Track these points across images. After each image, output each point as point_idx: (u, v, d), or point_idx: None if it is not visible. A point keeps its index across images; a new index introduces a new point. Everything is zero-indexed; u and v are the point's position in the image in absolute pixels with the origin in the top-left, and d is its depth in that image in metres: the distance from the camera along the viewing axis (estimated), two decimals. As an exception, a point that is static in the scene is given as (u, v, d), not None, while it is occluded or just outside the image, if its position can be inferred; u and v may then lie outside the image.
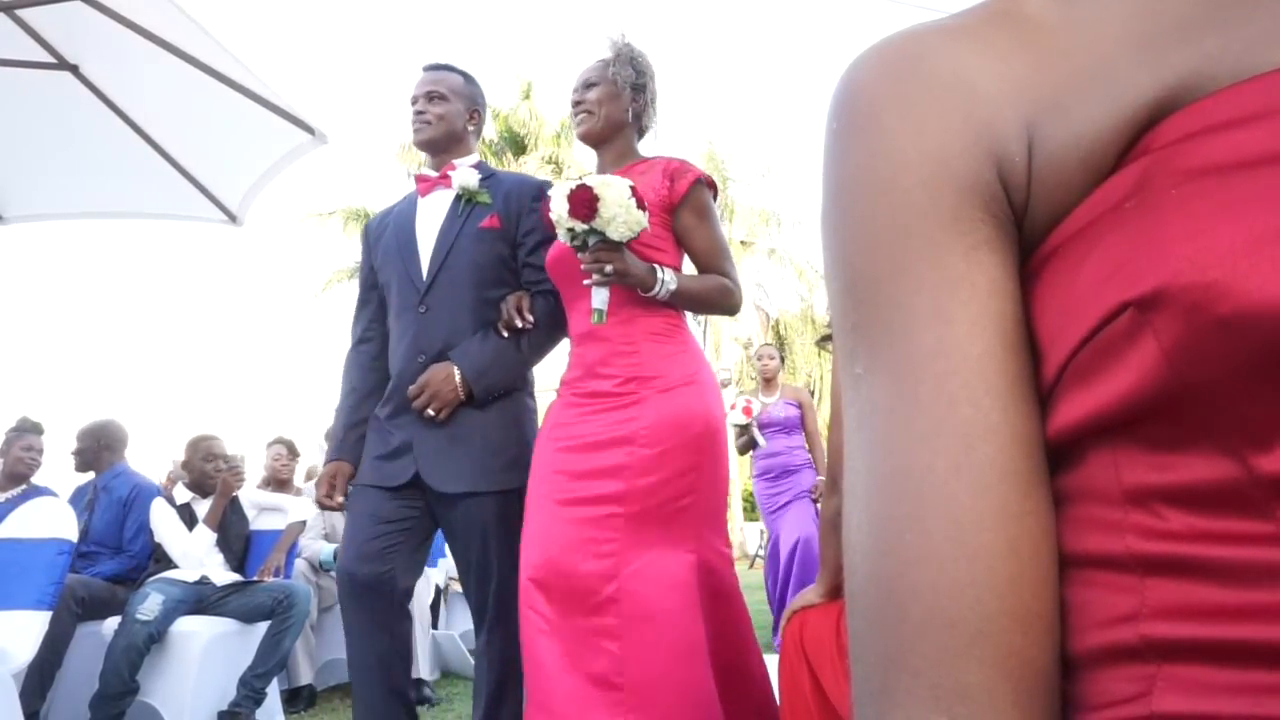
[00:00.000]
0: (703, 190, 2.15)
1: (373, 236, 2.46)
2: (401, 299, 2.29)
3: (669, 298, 2.03)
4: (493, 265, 2.26)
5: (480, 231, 2.27)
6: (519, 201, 2.32)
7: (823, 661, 1.44)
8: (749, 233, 20.98)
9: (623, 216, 1.88)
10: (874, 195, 0.40)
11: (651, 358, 2.03)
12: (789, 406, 5.22)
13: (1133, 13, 0.38)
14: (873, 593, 0.37)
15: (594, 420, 2.03)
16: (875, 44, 0.43)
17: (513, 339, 2.21)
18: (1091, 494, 0.36)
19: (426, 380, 2.15)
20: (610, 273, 1.93)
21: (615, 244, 1.93)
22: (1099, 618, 0.35)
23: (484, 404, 2.18)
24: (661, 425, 1.97)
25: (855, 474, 0.39)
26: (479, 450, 2.16)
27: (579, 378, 2.11)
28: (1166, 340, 0.31)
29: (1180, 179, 0.32)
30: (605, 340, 2.06)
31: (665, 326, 2.08)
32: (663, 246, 2.10)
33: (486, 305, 2.24)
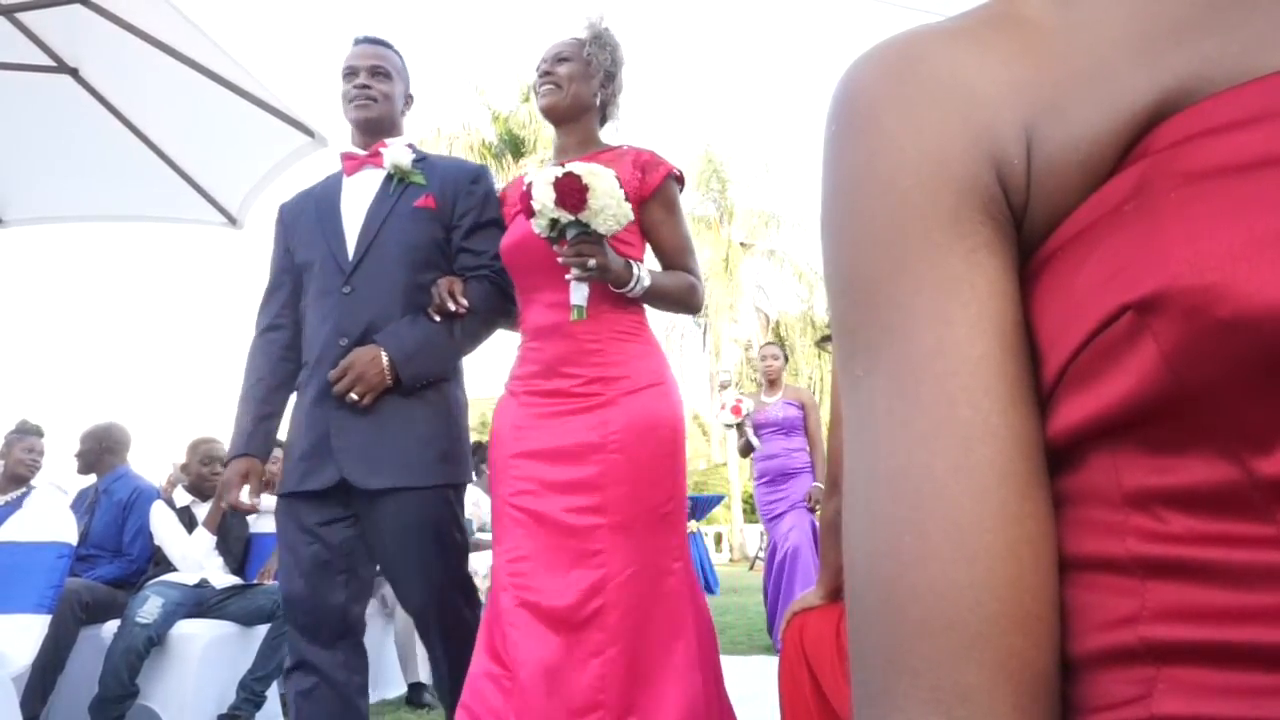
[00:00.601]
0: (673, 185, 2.08)
1: (289, 217, 2.28)
2: (323, 280, 2.11)
3: (641, 295, 1.95)
4: (426, 247, 2.12)
5: (415, 211, 2.14)
6: (455, 184, 2.19)
7: (823, 663, 1.44)
8: (749, 234, 21.01)
9: (612, 209, 1.78)
10: (873, 197, 0.40)
11: (618, 357, 1.95)
12: (789, 407, 5.05)
13: (1131, 15, 0.38)
14: (872, 594, 0.37)
15: (558, 424, 1.93)
16: (874, 46, 0.43)
17: (444, 324, 2.07)
18: (1092, 496, 0.36)
19: (350, 362, 1.98)
20: (593, 267, 1.82)
21: (598, 237, 1.82)
22: (1099, 620, 0.35)
23: (410, 392, 2.03)
24: (631, 430, 1.89)
25: (855, 475, 0.40)
26: (406, 443, 2.00)
27: (536, 374, 2.00)
28: (1166, 343, 0.31)
29: (1179, 182, 0.32)
30: (570, 337, 1.95)
31: (632, 325, 2.00)
32: (631, 240, 2.01)
33: (417, 289, 2.09)
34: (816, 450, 5.02)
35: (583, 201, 1.75)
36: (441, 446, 2.04)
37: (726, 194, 20.71)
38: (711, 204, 20.87)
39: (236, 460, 2.12)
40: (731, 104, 45.39)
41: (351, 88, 2.21)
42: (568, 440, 1.90)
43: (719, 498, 13.43)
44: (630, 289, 1.92)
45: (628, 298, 1.94)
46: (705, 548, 10.19)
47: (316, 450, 2.00)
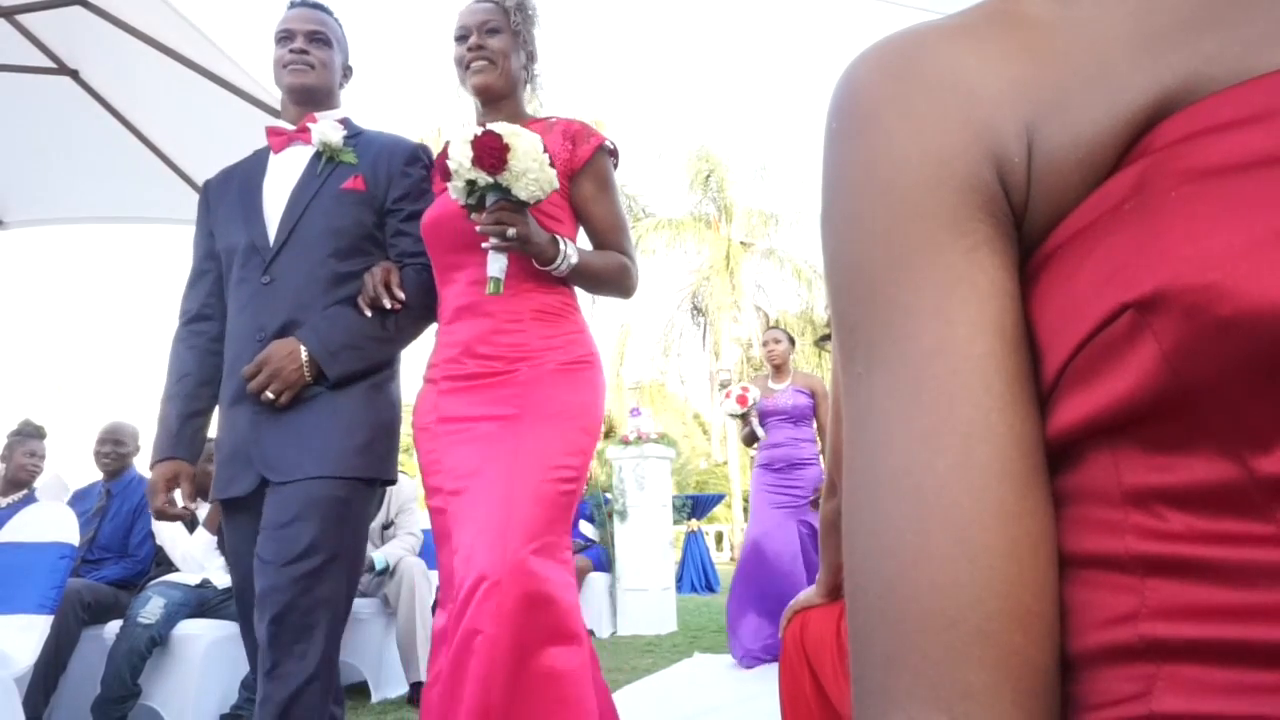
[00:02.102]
0: (606, 158, 1.91)
1: (213, 196, 2.09)
2: (242, 268, 1.94)
3: (568, 273, 1.80)
4: (353, 233, 1.94)
5: (341, 194, 1.95)
6: (390, 164, 2.01)
7: (823, 661, 1.44)
8: (748, 233, 21.00)
9: (534, 173, 1.62)
10: (873, 195, 0.40)
11: (539, 337, 1.80)
12: (799, 394, 4.69)
13: (1132, 14, 0.38)
14: (873, 592, 0.37)
15: (475, 407, 1.79)
16: (874, 44, 0.43)
17: (376, 318, 1.89)
18: (1092, 494, 0.36)
19: (266, 356, 1.82)
20: (512, 237, 1.65)
21: (520, 204, 1.66)
22: (1099, 618, 0.35)
23: (338, 385, 1.86)
24: (551, 401, 1.75)
25: (855, 474, 0.39)
26: (328, 434, 1.83)
27: (453, 359, 1.84)
28: (1166, 342, 0.31)
29: (1180, 180, 0.32)
30: (488, 315, 1.81)
31: (558, 305, 1.84)
32: (559, 216, 1.85)
33: (342, 279, 1.92)
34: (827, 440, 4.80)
35: (502, 162, 1.60)
36: (363, 437, 1.86)
37: (725, 193, 20.70)
38: (710, 203, 20.86)
39: (162, 464, 1.93)
40: (728, 103, 45.33)
41: (287, 52, 2.03)
42: (481, 411, 1.78)
43: (719, 497, 13.42)
44: (556, 266, 1.77)
45: (554, 276, 1.80)
46: (705, 546, 10.17)
47: (237, 454, 1.87)
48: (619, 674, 4.20)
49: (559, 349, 1.80)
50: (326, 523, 1.77)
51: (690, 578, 9.68)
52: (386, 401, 1.95)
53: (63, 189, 3.77)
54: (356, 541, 1.87)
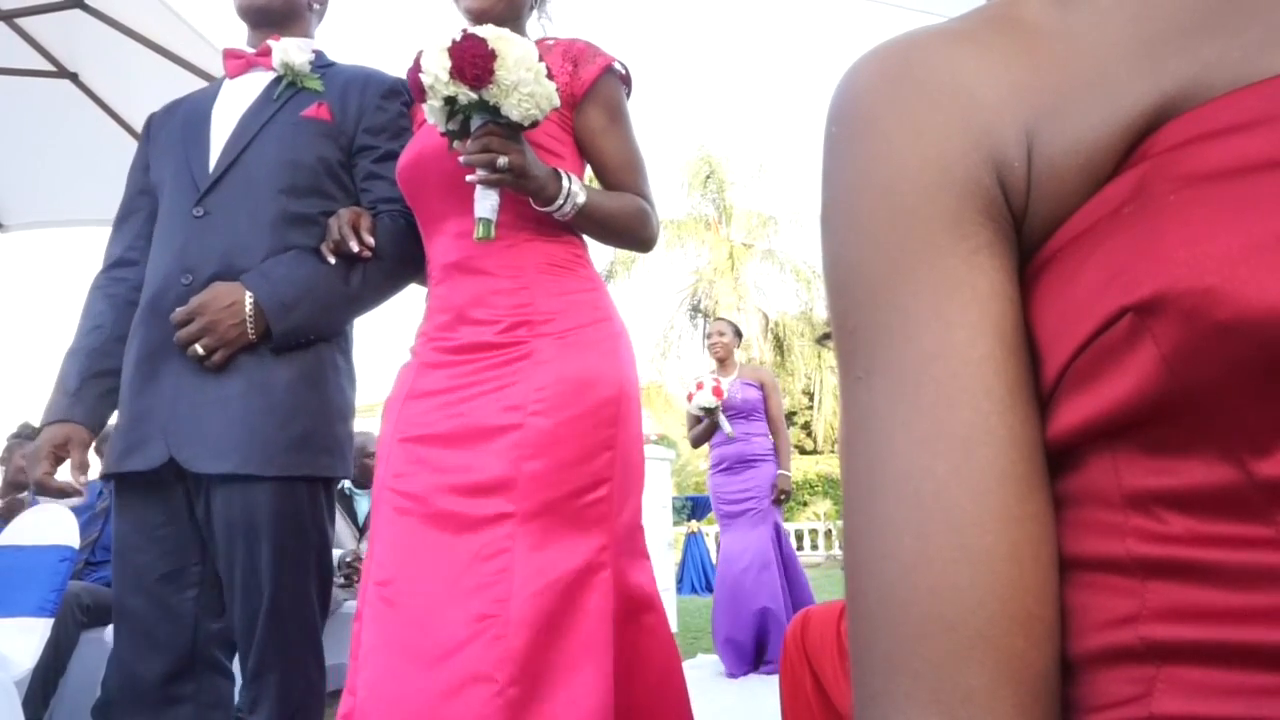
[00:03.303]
0: (616, 83, 1.59)
1: (155, 126, 1.80)
2: (173, 199, 1.63)
3: (573, 216, 1.47)
4: (310, 168, 1.63)
5: (301, 121, 1.65)
6: (363, 94, 1.72)
7: (824, 662, 1.44)
8: (747, 234, 21.00)
9: (529, 85, 1.31)
10: (873, 200, 0.40)
11: (545, 295, 1.48)
12: (748, 388, 4.48)
13: (1131, 19, 0.38)
14: (873, 595, 0.37)
15: (469, 385, 1.46)
16: (874, 49, 0.43)
17: (341, 268, 1.57)
18: (1092, 497, 0.36)
19: (203, 303, 1.49)
20: (504, 167, 1.34)
21: (513, 127, 1.36)
22: (1099, 620, 0.35)
23: (275, 353, 1.54)
24: (561, 386, 1.42)
25: (854, 476, 0.40)
26: (259, 417, 1.50)
27: (444, 325, 1.52)
28: (1165, 345, 0.31)
29: (1179, 184, 0.32)
30: (482, 273, 1.49)
31: (565, 256, 1.53)
32: (560, 152, 1.54)
33: (293, 222, 1.60)
34: (779, 434, 4.51)
35: (488, 72, 1.29)
36: (305, 426, 1.54)
37: (724, 195, 20.71)
38: (710, 204, 20.87)
39: (51, 427, 1.57)
40: (725, 105, 45.34)
41: None
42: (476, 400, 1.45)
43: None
44: (559, 206, 1.45)
45: (557, 220, 1.48)
46: (706, 548, 10.17)
47: (142, 419, 1.52)
48: (619, 675, 4.20)
49: (568, 309, 1.49)
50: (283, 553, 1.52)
51: (691, 579, 9.67)
52: (336, 383, 1.64)
53: (62, 192, 3.77)
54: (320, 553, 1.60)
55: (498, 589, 1.31)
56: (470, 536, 1.35)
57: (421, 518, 1.39)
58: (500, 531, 1.34)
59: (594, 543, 1.39)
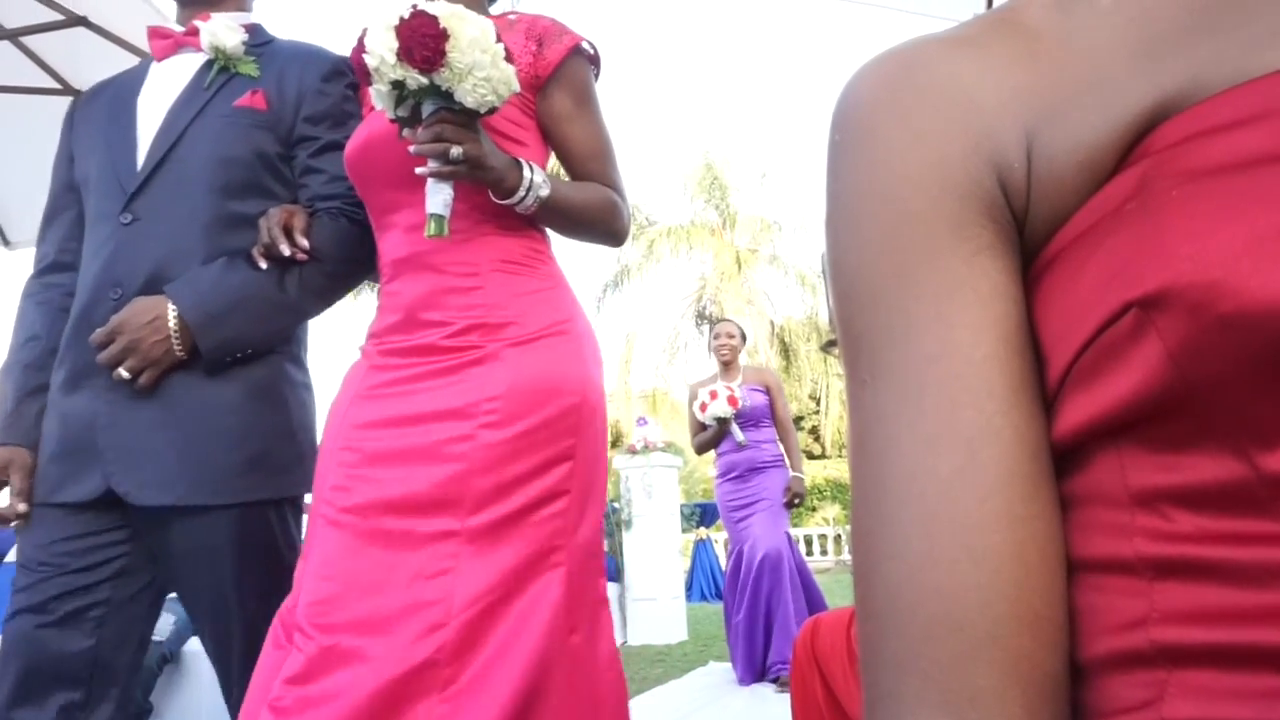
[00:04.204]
0: (583, 64, 1.47)
1: (79, 113, 1.64)
2: (99, 203, 1.49)
3: (536, 209, 1.36)
4: (248, 164, 1.50)
5: (235, 113, 1.51)
6: (302, 77, 1.56)
7: (834, 667, 1.44)
8: (752, 240, 21.04)
9: (485, 69, 1.20)
10: (876, 204, 0.41)
11: (501, 296, 1.36)
12: (754, 392, 4.34)
13: (1129, 21, 0.38)
14: (881, 597, 0.37)
15: (416, 393, 1.34)
16: (876, 56, 0.44)
17: (274, 274, 1.44)
18: (1098, 497, 0.36)
19: (121, 322, 1.37)
20: (459, 159, 1.23)
21: (468, 114, 1.25)
22: (1109, 623, 0.35)
23: (216, 368, 1.41)
24: (516, 395, 1.30)
25: (861, 478, 0.40)
26: (205, 442, 1.39)
27: (394, 326, 1.40)
28: (1170, 340, 0.31)
29: (1181, 180, 0.32)
30: (433, 270, 1.37)
31: (524, 252, 1.41)
32: (523, 139, 1.43)
33: (232, 224, 1.47)
34: (788, 436, 4.39)
35: (439, 54, 1.17)
36: (257, 447, 1.43)
37: (727, 201, 20.75)
38: (713, 210, 20.92)
39: None
40: (728, 111, 45.51)
41: None
42: (423, 409, 1.32)
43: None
44: (521, 200, 1.33)
45: (518, 213, 1.36)
46: (715, 554, 10.16)
47: (75, 448, 1.40)
48: (630, 684, 4.18)
49: (526, 311, 1.37)
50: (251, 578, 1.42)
51: (700, 586, 9.67)
52: (292, 395, 1.53)
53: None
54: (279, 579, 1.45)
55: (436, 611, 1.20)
56: (411, 555, 1.24)
57: (359, 534, 1.27)
58: (444, 549, 1.24)
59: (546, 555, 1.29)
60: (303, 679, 1.18)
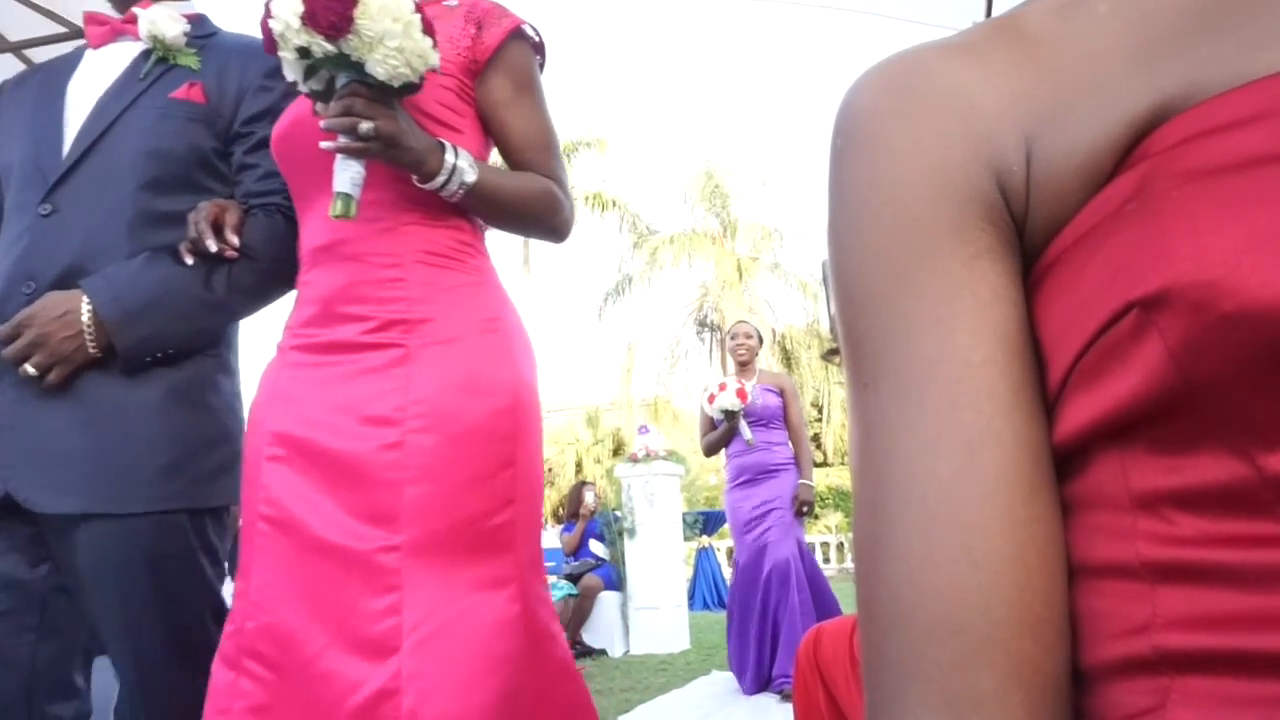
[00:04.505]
0: (525, 48, 1.39)
1: (5, 99, 1.55)
2: (19, 192, 1.40)
3: (463, 196, 1.27)
4: (181, 159, 1.42)
5: (170, 104, 1.43)
6: (244, 72, 1.49)
7: (837, 675, 1.44)
8: (753, 248, 21.06)
9: (396, 39, 1.12)
10: (876, 208, 0.41)
11: (424, 290, 1.27)
12: (768, 394, 4.24)
13: (1127, 25, 0.39)
14: (882, 600, 0.37)
15: (334, 391, 1.25)
16: (877, 63, 0.44)
17: (200, 270, 1.35)
18: (1100, 500, 0.36)
19: (31, 314, 1.28)
20: (368, 134, 1.15)
21: (382, 88, 1.17)
22: (1112, 629, 0.35)
23: (135, 368, 1.33)
24: (444, 397, 1.22)
25: (863, 482, 0.40)
26: (111, 446, 1.29)
27: (310, 320, 1.31)
28: (1172, 340, 0.31)
29: (1181, 180, 0.33)
30: (353, 259, 1.28)
31: (451, 244, 1.31)
32: (459, 125, 1.34)
33: (158, 222, 1.39)
34: (800, 443, 4.27)
35: (346, 21, 1.10)
36: (176, 453, 1.33)
37: (728, 209, 20.78)
38: (714, 219, 20.94)
39: None
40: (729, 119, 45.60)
41: None
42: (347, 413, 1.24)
43: (730, 512, 13.32)
44: (444, 185, 1.24)
45: (445, 200, 1.28)
46: (717, 562, 10.15)
47: None
48: (632, 693, 4.18)
49: (449, 310, 1.28)
50: (164, 592, 1.33)
51: (702, 594, 9.65)
52: (219, 399, 1.44)
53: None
54: (198, 593, 1.40)
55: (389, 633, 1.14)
56: (354, 571, 1.17)
57: (298, 550, 1.21)
58: (387, 565, 1.16)
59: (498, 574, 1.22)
60: (265, 711, 1.16)
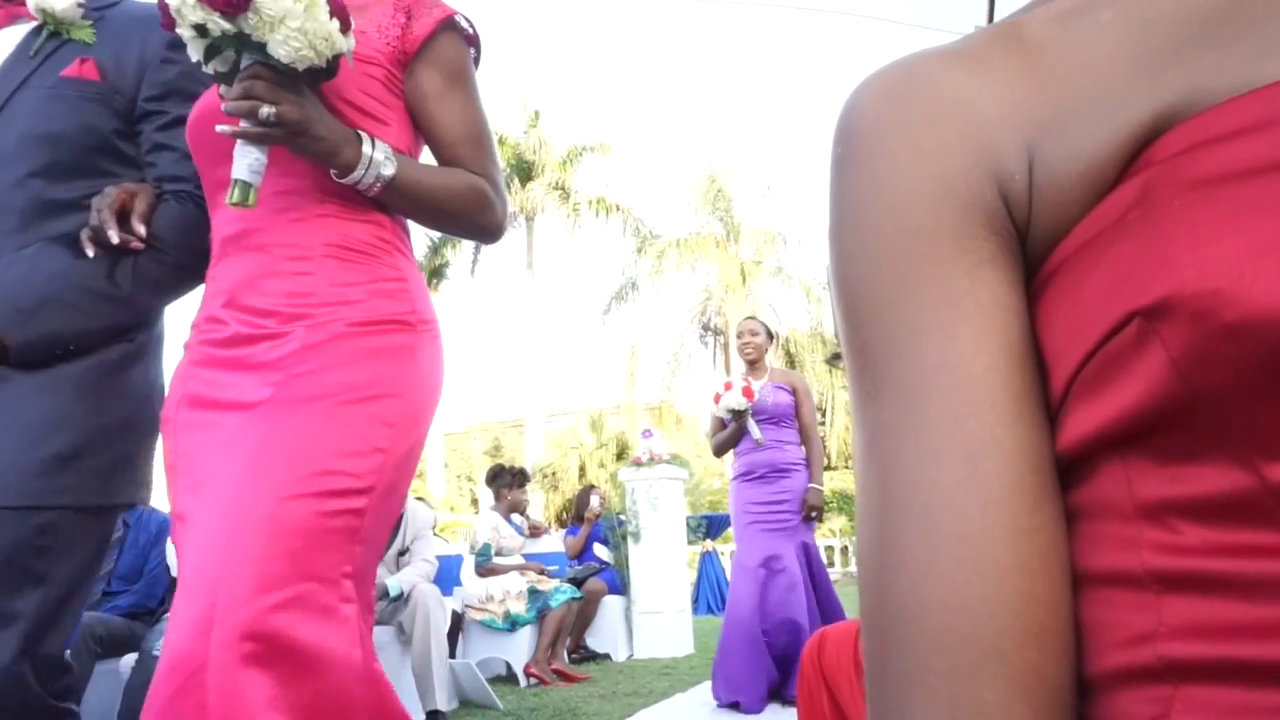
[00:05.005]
0: (457, 40, 1.32)
1: None
2: None
3: (381, 190, 1.21)
4: (77, 142, 1.33)
5: (61, 84, 1.34)
6: (144, 44, 1.39)
7: (841, 681, 1.43)
8: (756, 252, 21.07)
9: (299, 20, 1.06)
10: (878, 217, 0.41)
11: (330, 284, 1.19)
12: (779, 391, 4.10)
13: (1129, 34, 0.39)
14: (886, 610, 0.37)
15: (231, 389, 1.18)
16: (877, 71, 0.44)
17: (102, 262, 1.27)
18: (1104, 509, 0.36)
19: None
20: (269, 119, 1.09)
21: (287, 72, 1.10)
22: (1117, 638, 0.35)
23: (31, 364, 1.24)
24: (330, 373, 1.15)
25: (867, 491, 0.40)
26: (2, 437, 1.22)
27: (214, 315, 1.23)
28: (1174, 349, 0.31)
29: (1183, 189, 0.33)
30: (261, 250, 1.21)
31: (367, 239, 1.23)
32: (384, 117, 1.27)
33: (52, 211, 1.31)
34: (811, 444, 4.11)
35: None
36: (61, 443, 1.23)
37: (731, 213, 20.79)
38: (718, 223, 20.96)
39: None
40: (732, 124, 45.67)
41: None
42: (232, 394, 1.17)
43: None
44: (361, 177, 1.18)
45: (363, 194, 1.21)
46: (721, 567, 10.13)
47: None
48: (636, 698, 4.17)
49: (358, 302, 1.20)
50: (37, 610, 1.20)
51: (706, 598, 9.64)
52: (116, 393, 1.32)
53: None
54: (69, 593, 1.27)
55: (204, 605, 1.02)
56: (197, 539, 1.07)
57: (180, 533, 1.14)
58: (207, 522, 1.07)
59: (335, 567, 1.10)
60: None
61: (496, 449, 29.85)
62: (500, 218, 1.34)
